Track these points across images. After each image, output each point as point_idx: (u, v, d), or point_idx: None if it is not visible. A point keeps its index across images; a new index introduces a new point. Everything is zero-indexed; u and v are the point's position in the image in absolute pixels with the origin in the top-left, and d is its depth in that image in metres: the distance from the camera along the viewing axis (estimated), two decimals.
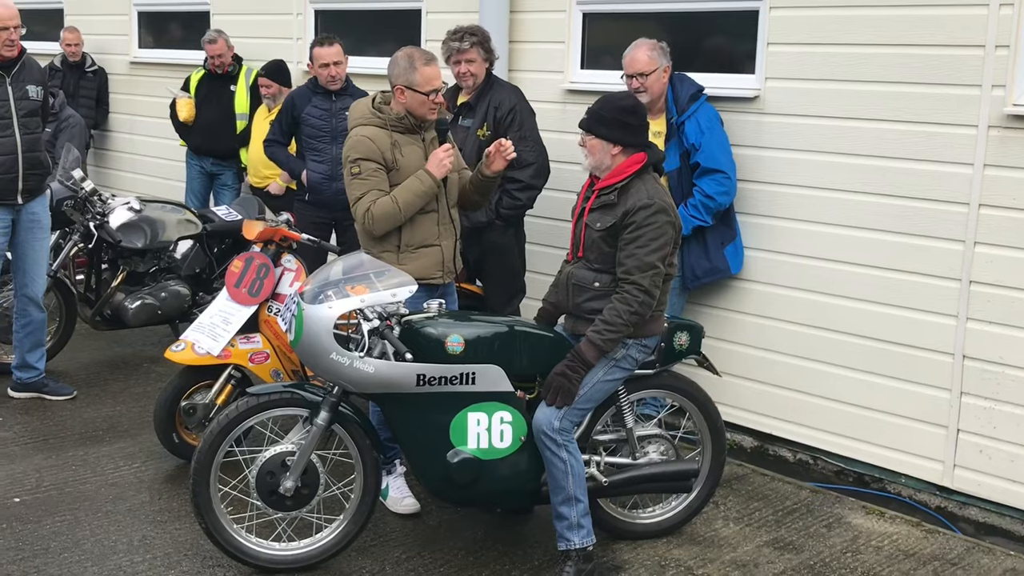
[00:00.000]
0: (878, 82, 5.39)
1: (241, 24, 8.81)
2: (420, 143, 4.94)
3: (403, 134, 4.88)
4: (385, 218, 4.78)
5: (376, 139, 4.82)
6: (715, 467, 5.00)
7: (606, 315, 4.36)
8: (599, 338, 4.36)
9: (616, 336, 4.37)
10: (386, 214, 4.78)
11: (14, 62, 6.01)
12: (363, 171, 4.79)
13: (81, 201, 6.70)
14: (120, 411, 6.43)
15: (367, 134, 4.83)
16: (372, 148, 4.80)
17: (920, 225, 5.32)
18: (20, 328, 6.40)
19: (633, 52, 5.74)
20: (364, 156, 4.80)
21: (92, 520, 4.98)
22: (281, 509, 4.47)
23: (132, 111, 10.30)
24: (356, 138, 4.84)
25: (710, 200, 5.68)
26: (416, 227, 4.89)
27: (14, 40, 5.95)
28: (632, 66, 5.71)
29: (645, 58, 5.70)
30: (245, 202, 7.48)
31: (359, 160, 4.80)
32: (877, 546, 5.00)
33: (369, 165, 4.79)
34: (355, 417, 4.49)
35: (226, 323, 5.45)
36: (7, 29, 5.91)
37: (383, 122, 4.86)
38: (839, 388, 5.69)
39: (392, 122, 4.86)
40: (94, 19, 10.49)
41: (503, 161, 4.93)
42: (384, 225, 4.80)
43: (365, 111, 4.92)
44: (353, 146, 4.83)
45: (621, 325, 4.35)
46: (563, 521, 4.51)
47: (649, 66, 5.69)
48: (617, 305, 4.34)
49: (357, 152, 4.81)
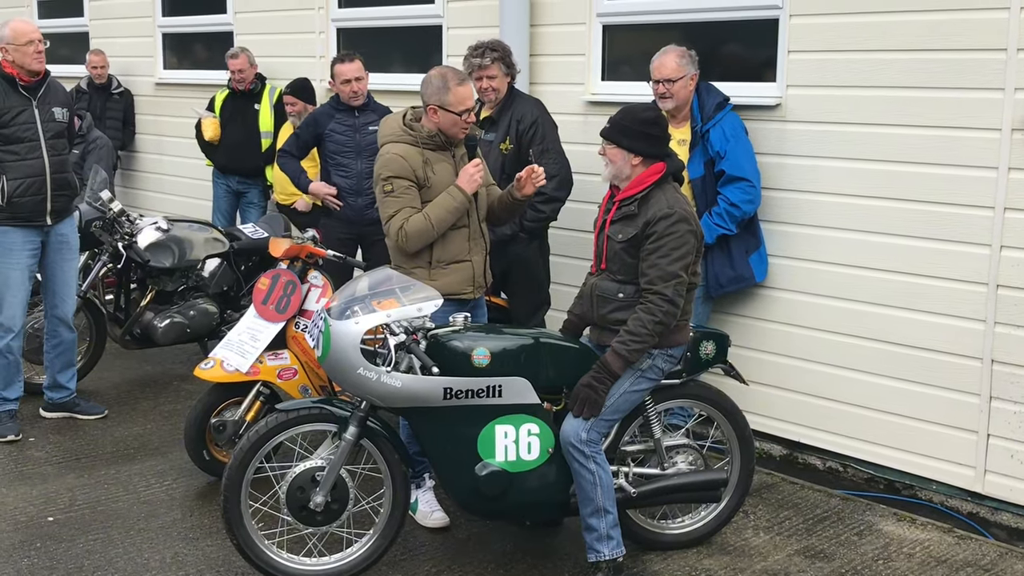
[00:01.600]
0: (900, 87, 5.38)
1: (264, 43, 8.88)
2: (450, 159, 4.97)
3: (434, 151, 4.91)
4: (418, 235, 4.81)
5: (408, 157, 4.85)
6: (744, 476, 4.98)
7: (631, 325, 4.36)
8: (624, 349, 4.37)
9: (641, 346, 4.37)
10: (419, 231, 4.80)
11: (39, 84, 6.10)
12: (396, 189, 4.81)
13: (109, 222, 6.76)
14: (151, 429, 6.48)
15: (399, 152, 4.86)
16: (404, 166, 4.83)
17: (945, 230, 5.30)
18: (51, 349, 6.48)
19: (662, 58, 5.75)
20: (396, 174, 4.82)
21: (125, 538, 5.02)
22: (311, 524, 4.49)
23: (158, 132, 10.40)
24: (388, 156, 4.87)
25: (735, 208, 5.68)
26: (447, 243, 4.91)
27: (41, 52, 6.04)
28: (660, 71, 5.72)
29: (673, 64, 5.71)
30: (271, 220, 7.53)
31: (392, 178, 4.82)
32: (909, 553, 4.97)
33: (401, 183, 4.82)
34: (383, 431, 4.51)
35: (254, 340, 5.49)
36: (33, 42, 5.99)
37: (414, 139, 4.89)
38: (868, 395, 5.67)
39: (423, 140, 4.89)
40: (119, 41, 10.61)
41: (533, 186, 4.96)
42: (417, 242, 4.83)
43: (396, 128, 4.94)
44: (385, 164, 4.86)
45: (646, 335, 4.35)
46: (592, 533, 4.52)
47: (676, 72, 5.70)
48: (641, 315, 4.35)
49: (389, 170, 4.84)
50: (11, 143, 5.99)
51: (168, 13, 10.17)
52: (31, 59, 6.01)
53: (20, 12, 11.77)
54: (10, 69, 6.02)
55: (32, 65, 6.02)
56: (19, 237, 6.10)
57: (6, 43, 6.01)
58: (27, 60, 6.01)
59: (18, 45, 5.98)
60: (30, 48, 6.00)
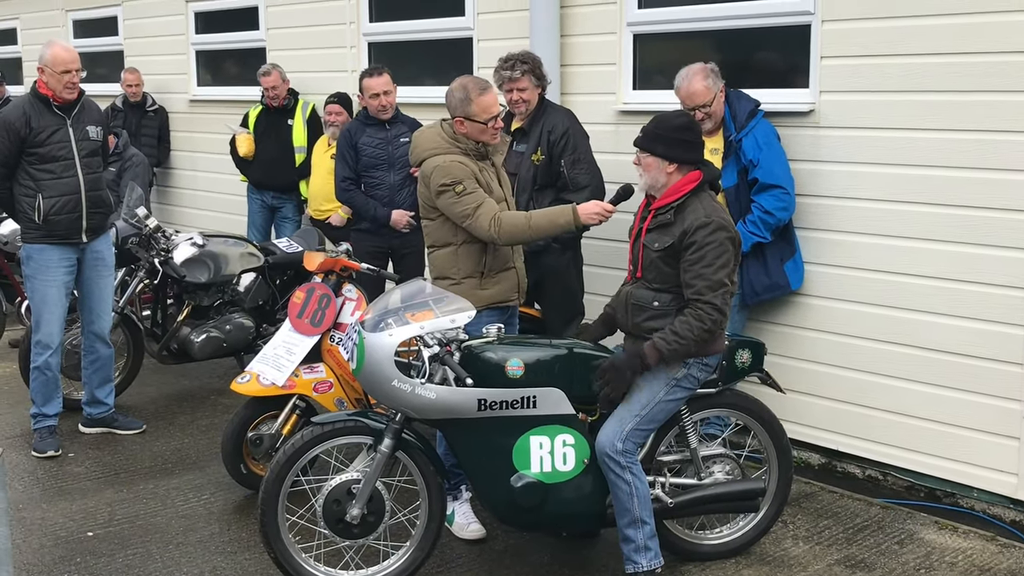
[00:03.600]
0: (934, 91, 5.33)
1: (296, 59, 8.95)
2: (492, 169, 5.04)
3: (478, 161, 4.95)
4: (513, 230, 4.81)
5: (467, 164, 4.89)
6: (782, 485, 4.94)
7: (678, 326, 4.34)
8: (665, 346, 4.34)
9: (683, 350, 4.35)
10: (515, 226, 4.82)
11: (74, 104, 6.16)
12: (468, 188, 4.82)
13: (146, 238, 6.82)
14: (188, 443, 6.52)
15: (457, 159, 4.89)
16: (467, 170, 4.86)
17: (982, 234, 5.24)
18: (88, 365, 6.54)
19: (688, 85, 5.70)
20: (465, 176, 4.84)
21: (163, 552, 5.05)
22: (348, 537, 4.49)
23: (193, 148, 10.49)
24: (447, 164, 4.86)
25: (769, 216, 5.65)
26: (499, 250, 4.98)
27: (75, 83, 6.10)
28: (692, 99, 5.68)
29: (702, 88, 5.67)
30: (305, 234, 7.56)
31: (462, 180, 4.83)
32: (951, 562, 4.91)
33: (471, 183, 4.84)
34: (418, 444, 4.51)
35: (290, 353, 5.51)
36: (69, 72, 6.05)
37: (463, 150, 4.92)
38: (907, 402, 5.61)
39: (471, 150, 4.93)
40: (154, 59, 10.72)
41: None
42: (510, 236, 4.83)
43: (440, 141, 4.96)
44: (447, 171, 4.84)
45: (691, 340, 4.33)
46: (630, 544, 4.49)
47: (707, 95, 5.67)
48: (691, 321, 4.33)
49: (453, 175, 4.83)
50: (46, 162, 6.05)
51: (201, 31, 10.27)
52: (63, 88, 6.06)
53: (56, 32, 11.93)
54: (45, 90, 6.08)
55: (63, 94, 6.07)
56: (55, 255, 6.16)
57: (44, 64, 6.07)
58: (59, 88, 6.05)
59: (55, 72, 6.03)
60: (65, 77, 6.04)
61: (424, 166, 4.95)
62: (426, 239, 5.12)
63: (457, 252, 4.95)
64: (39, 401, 6.33)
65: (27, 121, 6.01)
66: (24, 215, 6.13)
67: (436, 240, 5.03)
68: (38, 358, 6.25)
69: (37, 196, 6.04)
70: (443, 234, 4.98)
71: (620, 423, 4.45)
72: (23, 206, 6.11)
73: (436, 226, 4.99)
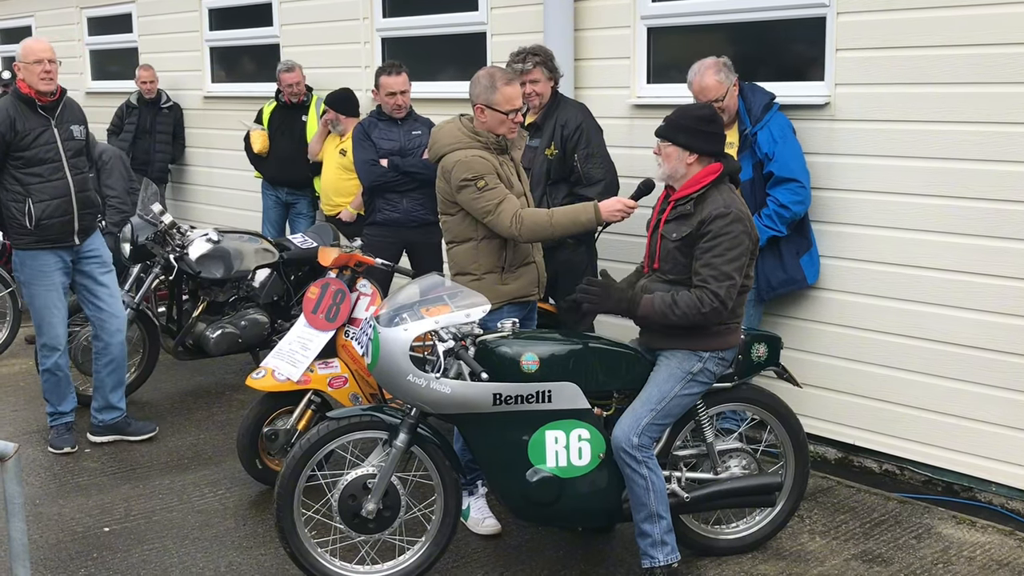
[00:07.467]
0: (950, 83, 5.30)
1: (310, 54, 8.94)
2: (511, 163, 5.02)
3: (498, 155, 4.93)
4: (534, 227, 4.80)
5: (488, 159, 4.87)
6: (799, 480, 4.92)
7: (681, 296, 4.33)
8: (662, 304, 4.35)
9: (671, 318, 4.34)
10: (537, 223, 4.80)
11: (56, 103, 5.99)
12: (489, 183, 4.80)
13: (161, 234, 6.83)
14: (204, 439, 6.53)
15: (479, 154, 4.86)
16: (487, 165, 4.84)
17: (1000, 227, 5.21)
18: (102, 368, 6.39)
19: (700, 80, 5.68)
20: (486, 171, 4.82)
21: (180, 548, 5.06)
22: (364, 532, 4.50)
23: (207, 144, 10.51)
24: (467, 159, 4.84)
25: (784, 209, 5.62)
26: (520, 245, 4.97)
27: (49, 73, 5.88)
28: (705, 94, 5.65)
29: (714, 83, 5.65)
30: (320, 229, 7.57)
31: (483, 175, 4.80)
32: (969, 556, 4.88)
33: (492, 178, 4.82)
34: (433, 438, 4.51)
35: (305, 349, 5.52)
36: (41, 62, 5.84)
37: (483, 144, 4.90)
38: (924, 396, 5.58)
39: (492, 144, 4.91)
40: (168, 56, 10.74)
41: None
42: (531, 233, 4.82)
43: (460, 136, 4.93)
44: (468, 166, 4.81)
45: (683, 315, 4.32)
46: (646, 539, 4.48)
47: (720, 90, 5.65)
48: (692, 299, 4.31)
49: (475, 170, 4.80)
50: (33, 165, 5.89)
51: (215, 27, 10.28)
52: (38, 80, 5.85)
53: (70, 29, 11.97)
54: (26, 88, 5.90)
55: (38, 85, 5.86)
56: (50, 258, 6.05)
57: (18, 60, 5.90)
58: (34, 80, 5.86)
59: (26, 63, 5.85)
60: (37, 67, 5.84)
61: (444, 161, 4.93)
62: (445, 235, 5.09)
63: (478, 247, 4.94)
64: (54, 400, 6.32)
65: (12, 124, 5.83)
66: (14, 221, 5.95)
67: (456, 236, 5.01)
68: (47, 360, 6.21)
69: (27, 201, 5.90)
70: (463, 229, 4.96)
71: (636, 418, 4.44)
72: (12, 212, 5.93)
73: (456, 221, 4.97)
